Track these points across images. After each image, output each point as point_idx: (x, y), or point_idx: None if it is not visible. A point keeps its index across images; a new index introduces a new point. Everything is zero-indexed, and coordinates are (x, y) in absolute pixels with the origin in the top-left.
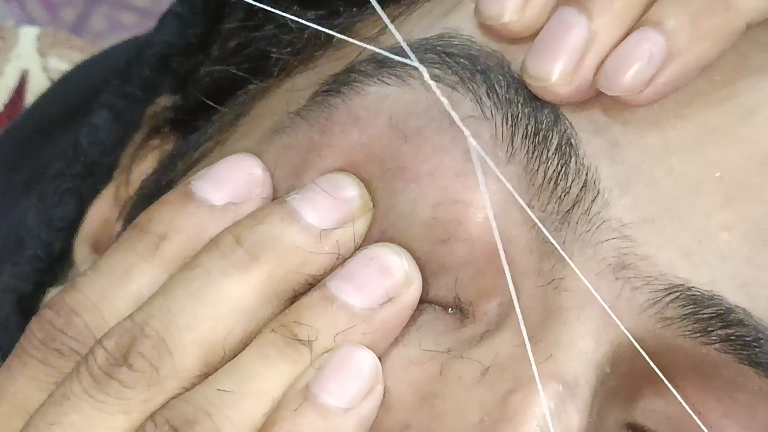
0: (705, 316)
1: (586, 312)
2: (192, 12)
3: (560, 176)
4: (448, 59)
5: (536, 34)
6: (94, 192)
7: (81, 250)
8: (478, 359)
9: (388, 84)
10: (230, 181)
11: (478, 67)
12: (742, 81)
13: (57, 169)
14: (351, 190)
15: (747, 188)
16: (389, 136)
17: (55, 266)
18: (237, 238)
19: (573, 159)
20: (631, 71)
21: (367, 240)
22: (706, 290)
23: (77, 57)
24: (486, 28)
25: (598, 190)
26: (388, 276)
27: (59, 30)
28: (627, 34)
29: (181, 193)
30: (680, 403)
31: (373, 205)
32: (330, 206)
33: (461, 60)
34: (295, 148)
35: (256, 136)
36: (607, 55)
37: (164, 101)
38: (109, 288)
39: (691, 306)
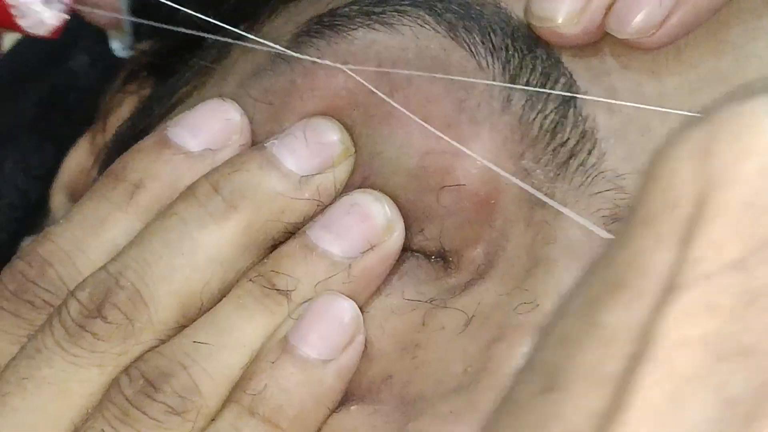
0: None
1: (574, 263)
2: None
3: (557, 127)
4: (439, 5)
5: None
6: (72, 139)
7: (57, 198)
8: (461, 308)
9: (376, 30)
10: (207, 127)
11: (472, 14)
12: (738, 24)
13: (34, 116)
14: (332, 135)
15: None
16: (376, 82)
17: (31, 216)
18: (214, 186)
19: (571, 110)
20: (642, 13)
21: (349, 187)
22: None
23: None
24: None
25: (596, 140)
26: (369, 223)
27: None
28: None
29: (157, 140)
30: None
31: (356, 152)
32: (310, 152)
33: (453, 6)
34: (275, 92)
35: (234, 80)
36: None
37: (142, 45)
38: (82, 238)
39: None
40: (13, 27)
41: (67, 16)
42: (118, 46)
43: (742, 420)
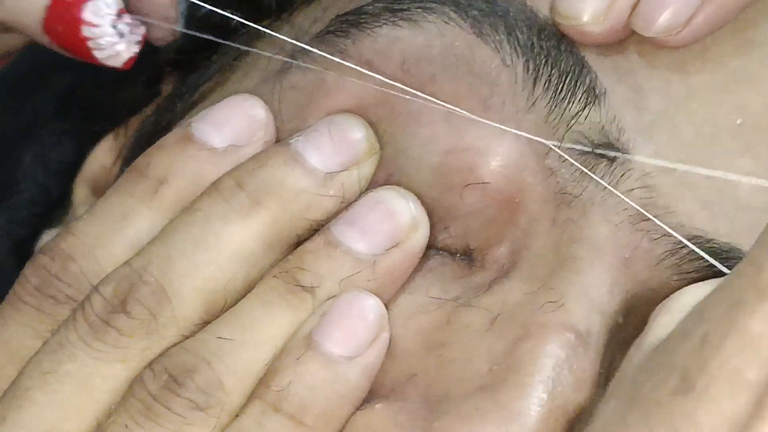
0: (723, 270)
1: (600, 261)
2: None
3: (584, 128)
4: (464, 2)
5: None
6: (93, 134)
7: (80, 192)
8: (486, 307)
9: (401, 27)
10: (231, 123)
11: (498, 11)
12: (764, 22)
13: (53, 110)
14: (357, 132)
15: (767, 135)
16: (401, 80)
17: (52, 211)
18: (239, 182)
19: (598, 110)
20: (668, 11)
21: (373, 184)
22: (724, 242)
23: None
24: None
25: (622, 141)
26: (394, 220)
27: None
28: None
29: (181, 136)
30: None
31: (381, 149)
32: (335, 149)
33: (479, 3)
34: (301, 89)
35: (257, 76)
36: None
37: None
38: (105, 233)
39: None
40: (89, 58)
41: (139, 48)
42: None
43: None
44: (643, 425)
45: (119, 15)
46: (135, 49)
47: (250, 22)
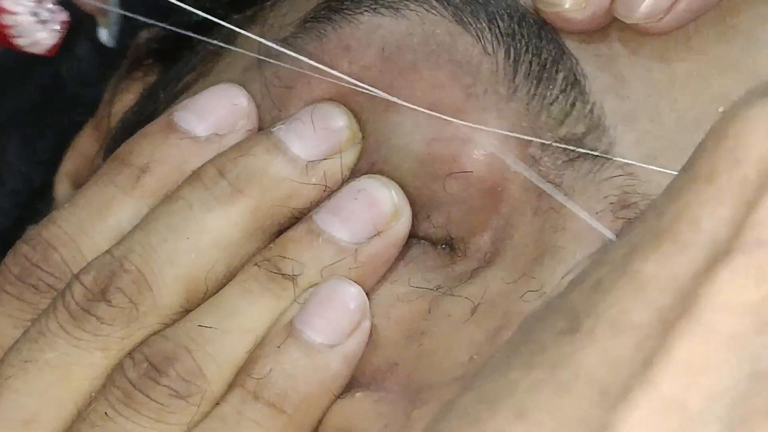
0: None
1: (582, 251)
2: None
3: (565, 116)
4: None
5: None
6: (75, 126)
7: (61, 185)
8: (468, 296)
9: (382, 14)
10: (214, 111)
11: (479, 2)
12: (747, 10)
13: (37, 102)
14: (339, 121)
15: None
16: (381, 67)
17: (35, 203)
18: (220, 170)
19: (579, 98)
20: None
21: (356, 172)
22: None
23: None
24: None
25: (604, 128)
26: (377, 209)
27: None
28: None
29: (163, 125)
30: None
31: (363, 137)
32: (317, 137)
33: None
34: (282, 78)
35: (240, 66)
36: None
37: (147, 33)
38: (87, 221)
39: None
40: (10, 45)
41: (61, 34)
42: (105, 35)
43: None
44: (524, 366)
45: (40, 1)
46: (56, 36)
47: (232, 12)
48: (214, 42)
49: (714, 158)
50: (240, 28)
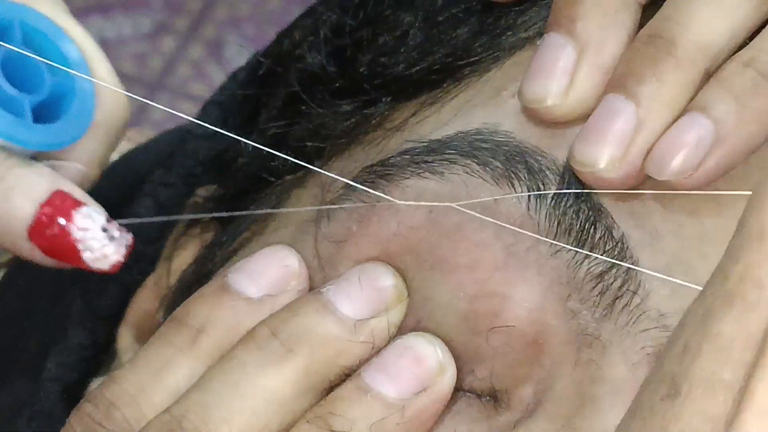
0: None
1: (620, 400)
2: (232, 101)
3: (603, 272)
4: (486, 154)
5: (580, 122)
6: (138, 281)
7: (124, 338)
8: None
9: (427, 178)
10: (266, 273)
11: (520, 165)
12: None
13: None
14: (386, 280)
15: None
16: (427, 229)
17: (100, 355)
18: (273, 331)
19: (617, 256)
20: (680, 156)
21: (402, 329)
22: None
23: (125, 146)
24: (530, 112)
25: (639, 282)
26: (422, 365)
27: None
28: (675, 119)
29: (218, 287)
30: None
31: (408, 295)
32: (365, 297)
33: (501, 157)
34: (332, 238)
35: (292, 226)
36: (655, 141)
37: (204, 191)
38: (147, 381)
39: None
40: (76, 261)
41: (127, 252)
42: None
43: None
44: (640, 430)
45: (108, 221)
46: (123, 252)
47: (288, 173)
48: (267, 211)
49: (763, 216)
50: (290, 192)
